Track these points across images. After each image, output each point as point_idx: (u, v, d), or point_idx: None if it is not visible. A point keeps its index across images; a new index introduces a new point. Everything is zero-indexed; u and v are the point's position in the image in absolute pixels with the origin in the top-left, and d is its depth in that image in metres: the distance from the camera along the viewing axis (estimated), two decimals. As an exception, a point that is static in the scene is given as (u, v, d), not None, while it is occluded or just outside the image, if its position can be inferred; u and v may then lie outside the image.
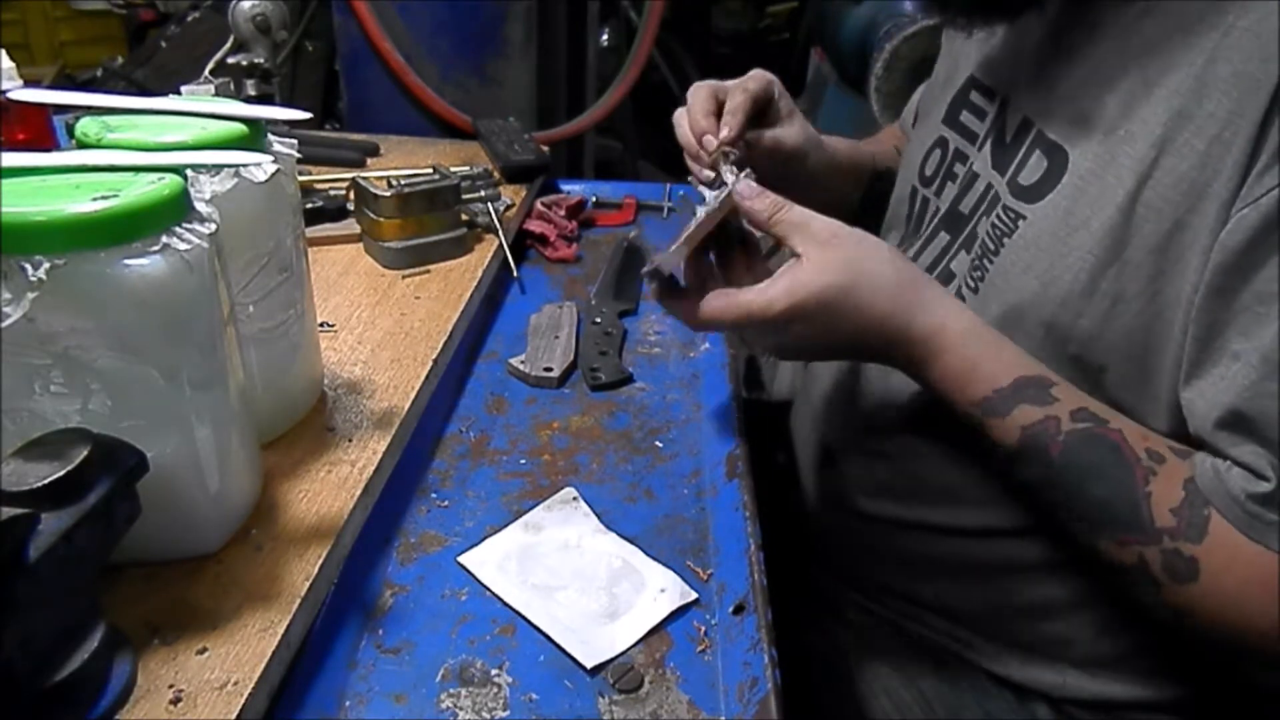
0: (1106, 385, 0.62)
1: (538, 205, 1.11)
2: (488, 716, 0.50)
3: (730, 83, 0.79)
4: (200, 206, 0.50)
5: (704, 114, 0.76)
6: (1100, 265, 0.59)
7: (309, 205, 0.95)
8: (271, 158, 0.55)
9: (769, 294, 0.60)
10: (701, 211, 0.65)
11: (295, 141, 0.62)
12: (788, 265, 0.61)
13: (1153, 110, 0.58)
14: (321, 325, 0.78)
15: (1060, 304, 0.61)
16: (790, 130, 0.81)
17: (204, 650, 0.47)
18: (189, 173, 0.51)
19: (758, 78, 0.79)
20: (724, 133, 0.74)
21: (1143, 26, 0.60)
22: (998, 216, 0.67)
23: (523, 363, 0.82)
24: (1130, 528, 0.56)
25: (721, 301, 0.62)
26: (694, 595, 0.58)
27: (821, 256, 0.60)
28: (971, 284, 0.68)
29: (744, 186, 0.64)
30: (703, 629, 0.56)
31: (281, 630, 0.49)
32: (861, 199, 0.93)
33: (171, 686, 0.45)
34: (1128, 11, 0.61)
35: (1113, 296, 0.59)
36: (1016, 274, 0.64)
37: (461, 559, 0.61)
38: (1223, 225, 0.54)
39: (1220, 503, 0.54)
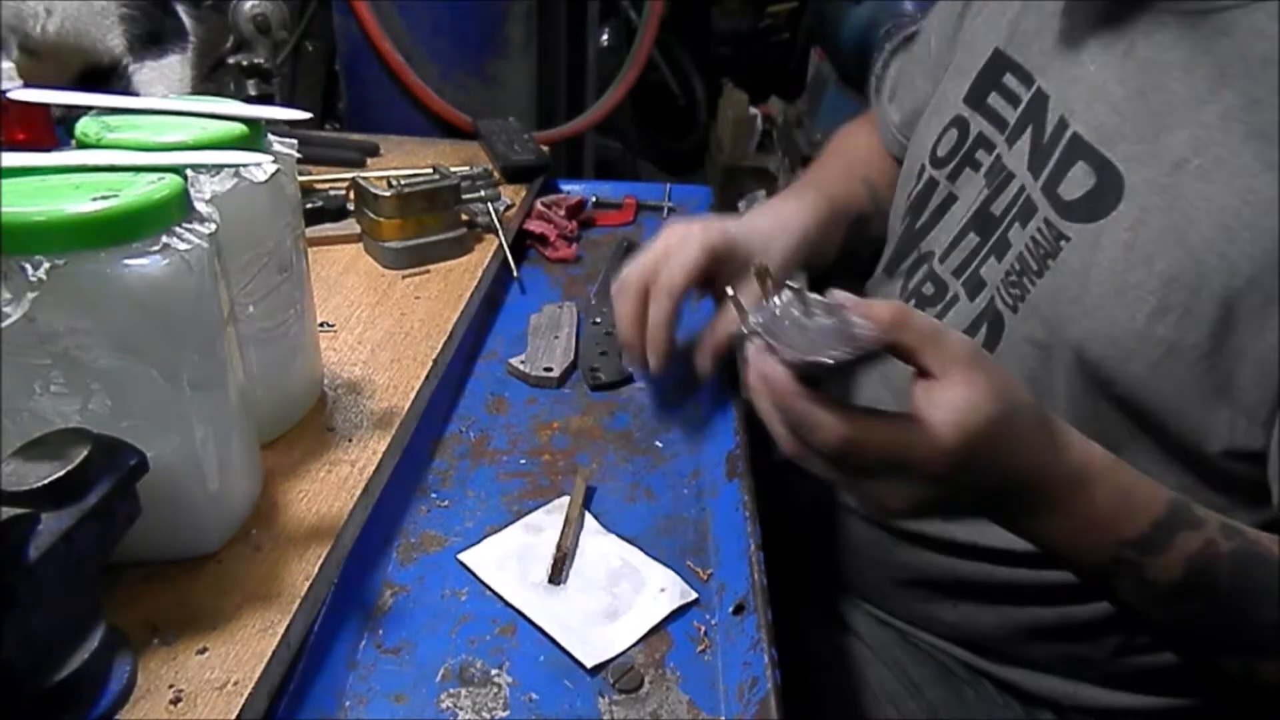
0: (1149, 429, 0.58)
1: (538, 205, 1.11)
2: (488, 716, 0.50)
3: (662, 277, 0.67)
4: (200, 206, 0.50)
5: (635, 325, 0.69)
6: (1160, 309, 0.54)
7: (309, 205, 0.95)
8: (271, 158, 0.55)
9: (935, 425, 0.46)
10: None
11: (295, 141, 0.62)
12: (926, 387, 0.47)
13: (1235, 151, 0.52)
14: (321, 325, 0.78)
15: (1110, 343, 0.56)
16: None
17: (204, 650, 0.47)
18: (189, 173, 0.51)
19: (685, 267, 0.67)
20: (654, 363, 0.68)
21: (1218, 46, 0.54)
22: (1039, 230, 0.62)
23: (523, 363, 0.82)
24: None
25: (875, 431, 0.47)
26: (694, 595, 0.58)
27: (971, 375, 0.47)
28: (1010, 302, 0.64)
29: (846, 298, 0.48)
30: (703, 629, 0.56)
31: (281, 630, 0.49)
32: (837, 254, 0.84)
33: (171, 686, 0.45)
34: (1202, 25, 0.55)
35: (1170, 344, 0.54)
36: (1064, 304, 0.59)
37: (461, 556, 0.61)
38: None
39: None
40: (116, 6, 1.00)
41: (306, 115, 0.60)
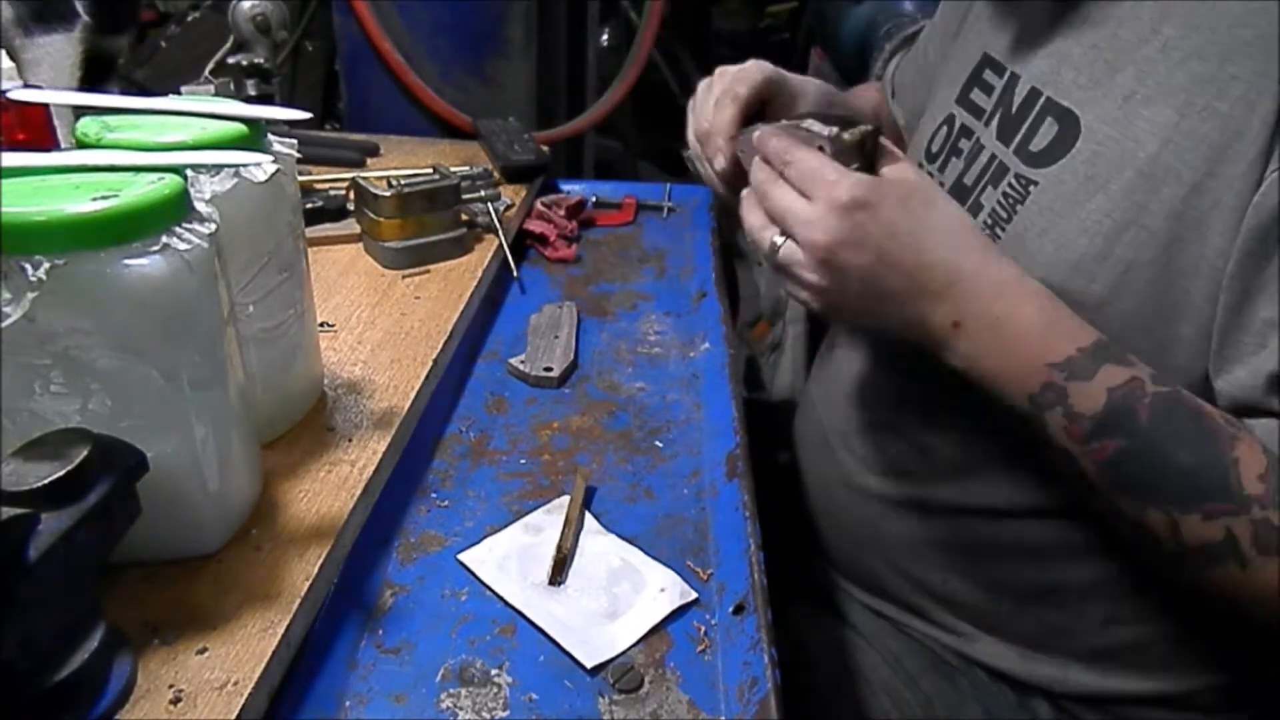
0: None
1: (538, 205, 1.11)
2: (488, 716, 0.50)
3: (726, 87, 0.75)
4: (200, 206, 0.50)
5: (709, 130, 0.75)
6: (1116, 229, 0.59)
7: (309, 205, 0.95)
8: (271, 158, 0.55)
9: (847, 176, 0.56)
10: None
11: (295, 141, 0.62)
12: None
13: (1172, 74, 0.57)
14: (321, 325, 0.78)
15: (1073, 268, 0.60)
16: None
17: (204, 650, 0.47)
18: (189, 173, 0.51)
19: (748, 79, 0.75)
20: (718, 163, 0.73)
21: None
22: (1009, 184, 0.66)
23: (523, 363, 0.82)
24: (1221, 497, 0.52)
25: (800, 150, 0.58)
26: (694, 595, 0.58)
27: (902, 166, 0.58)
28: None
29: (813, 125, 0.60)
30: (703, 629, 0.56)
31: (281, 630, 0.49)
32: None
33: (171, 686, 0.45)
34: None
35: (1127, 262, 0.58)
36: (1031, 239, 0.63)
37: (461, 556, 0.61)
38: (1251, 187, 0.53)
39: None
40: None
41: (306, 115, 0.60)
